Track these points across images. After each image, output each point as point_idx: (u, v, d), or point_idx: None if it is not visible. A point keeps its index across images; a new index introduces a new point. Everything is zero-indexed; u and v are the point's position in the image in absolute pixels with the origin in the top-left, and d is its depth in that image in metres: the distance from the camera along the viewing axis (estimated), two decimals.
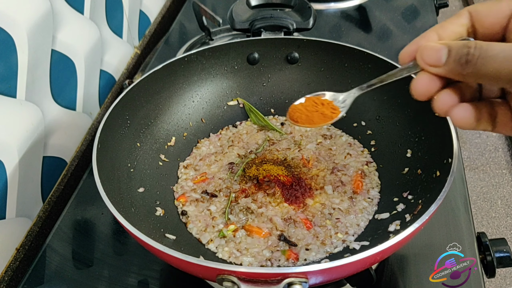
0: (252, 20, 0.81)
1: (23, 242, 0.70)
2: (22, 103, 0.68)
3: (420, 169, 0.63)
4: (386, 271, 0.61)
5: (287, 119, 0.59)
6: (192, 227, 0.64)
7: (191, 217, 0.65)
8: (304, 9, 0.82)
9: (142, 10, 1.11)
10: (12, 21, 0.64)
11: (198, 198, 0.67)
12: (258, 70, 0.80)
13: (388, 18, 1.14)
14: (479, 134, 1.00)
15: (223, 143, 0.76)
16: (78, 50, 0.82)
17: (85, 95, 0.86)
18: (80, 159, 0.84)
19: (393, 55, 0.65)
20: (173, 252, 0.46)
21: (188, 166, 0.73)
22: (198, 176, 0.71)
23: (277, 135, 0.77)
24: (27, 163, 0.70)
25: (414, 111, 0.68)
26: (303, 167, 0.70)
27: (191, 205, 0.66)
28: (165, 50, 1.07)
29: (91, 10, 0.86)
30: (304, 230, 0.62)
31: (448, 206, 0.67)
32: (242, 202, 0.65)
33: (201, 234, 0.63)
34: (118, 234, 0.69)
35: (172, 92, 0.76)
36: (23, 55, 0.67)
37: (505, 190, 0.90)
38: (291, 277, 0.43)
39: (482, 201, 0.88)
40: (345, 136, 0.76)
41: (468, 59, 0.37)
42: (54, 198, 0.77)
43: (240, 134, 0.78)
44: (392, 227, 0.58)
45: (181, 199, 0.67)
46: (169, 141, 0.74)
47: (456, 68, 0.38)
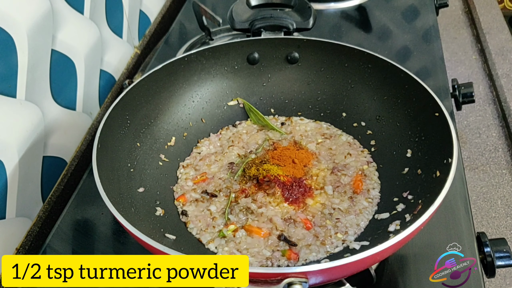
0: (252, 20, 0.81)
1: (23, 242, 0.70)
2: (22, 103, 0.68)
3: (420, 169, 0.63)
4: (386, 271, 0.61)
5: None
6: (192, 227, 0.64)
7: (191, 217, 0.65)
8: (304, 9, 0.82)
9: (142, 10, 1.11)
10: (12, 21, 0.64)
11: (198, 198, 0.67)
12: (258, 70, 0.80)
13: (388, 18, 1.14)
14: (479, 134, 1.00)
15: (223, 143, 0.76)
16: (78, 50, 0.82)
17: (85, 95, 0.86)
18: (80, 159, 0.84)
19: (393, 55, 0.65)
20: (173, 252, 0.46)
21: (188, 166, 0.73)
22: (198, 176, 0.71)
23: (277, 135, 0.77)
24: (27, 163, 0.70)
25: (414, 111, 0.68)
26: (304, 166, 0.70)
27: (191, 205, 0.66)
28: (165, 50, 1.07)
29: (91, 10, 0.86)
30: (304, 230, 0.62)
31: (448, 206, 0.67)
32: (242, 202, 0.65)
33: (201, 234, 0.63)
34: (118, 234, 0.68)
35: (172, 92, 0.76)
36: (23, 55, 0.67)
37: (505, 190, 0.89)
38: (291, 277, 0.43)
39: (482, 201, 0.88)
40: (345, 135, 0.76)
41: None
42: (54, 198, 0.77)
43: (240, 134, 0.78)
44: (392, 227, 0.58)
45: (181, 199, 0.67)
46: (169, 141, 0.74)
47: None
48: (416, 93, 0.66)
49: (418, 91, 0.65)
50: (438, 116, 0.61)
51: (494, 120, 1.03)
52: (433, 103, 0.62)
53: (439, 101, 0.62)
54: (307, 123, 0.79)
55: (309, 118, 0.80)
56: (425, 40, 1.04)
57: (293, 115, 0.81)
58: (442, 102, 0.62)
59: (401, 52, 1.01)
